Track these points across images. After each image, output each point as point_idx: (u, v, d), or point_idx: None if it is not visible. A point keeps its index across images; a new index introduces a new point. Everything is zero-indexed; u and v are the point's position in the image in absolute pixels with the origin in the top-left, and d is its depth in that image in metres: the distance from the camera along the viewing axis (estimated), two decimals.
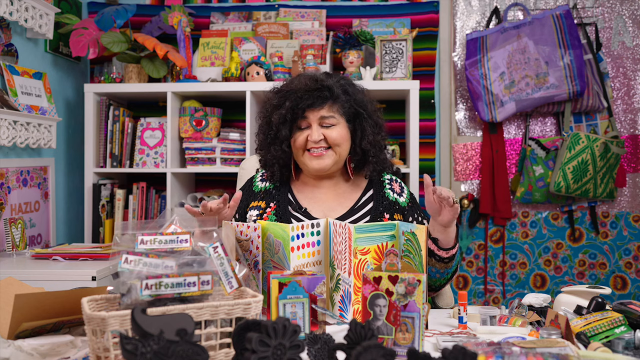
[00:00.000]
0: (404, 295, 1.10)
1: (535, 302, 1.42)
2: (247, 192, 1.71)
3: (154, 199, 2.87)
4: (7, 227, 2.26)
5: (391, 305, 1.10)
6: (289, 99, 1.59)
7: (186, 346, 0.81)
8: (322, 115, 1.58)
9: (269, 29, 2.94)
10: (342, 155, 1.62)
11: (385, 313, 1.11)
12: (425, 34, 2.99)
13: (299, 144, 1.60)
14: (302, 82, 1.62)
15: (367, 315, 1.12)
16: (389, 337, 1.10)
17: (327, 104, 1.59)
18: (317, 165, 1.59)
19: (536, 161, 2.94)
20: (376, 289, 1.11)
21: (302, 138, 1.59)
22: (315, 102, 1.58)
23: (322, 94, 1.58)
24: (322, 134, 1.58)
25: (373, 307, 1.12)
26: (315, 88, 1.59)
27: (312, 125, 1.59)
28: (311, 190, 1.68)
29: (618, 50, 2.99)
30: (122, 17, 2.69)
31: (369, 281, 1.12)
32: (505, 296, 3.06)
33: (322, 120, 1.59)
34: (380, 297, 1.11)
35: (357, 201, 1.64)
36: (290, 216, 1.61)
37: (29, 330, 1.17)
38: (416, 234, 1.29)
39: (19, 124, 2.32)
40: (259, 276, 1.40)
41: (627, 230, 3.01)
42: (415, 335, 1.09)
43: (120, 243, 1.10)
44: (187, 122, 2.76)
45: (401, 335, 1.10)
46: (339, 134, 1.59)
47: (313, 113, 1.58)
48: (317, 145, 1.58)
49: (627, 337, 1.17)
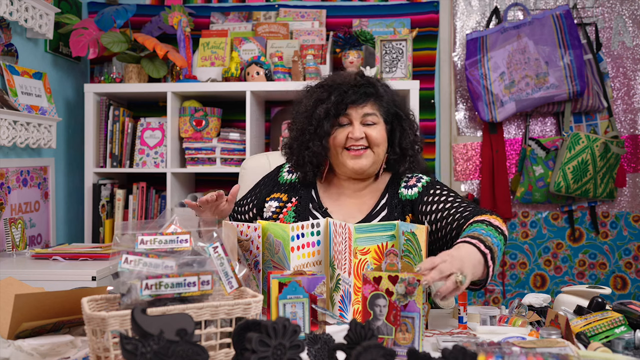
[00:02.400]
0: (404, 295, 1.09)
1: (535, 302, 1.42)
2: (271, 182, 1.68)
3: (154, 199, 2.87)
4: (7, 227, 2.26)
5: (391, 305, 1.10)
6: (334, 93, 1.54)
7: (186, 346, 0.81)
8: (366, 112, 1.54)
9: (269, 29, 2.94)
10: (380, 157, 1.57)
11: (385, 313, 1.11)
12: (425, 34, 2.99)
13: (339, 141, 1.54)
14: (346, 77, 1.59)
15: (367, 315, 1.12)
16: (389, 337, 1.10)
17: (370, 102, 1.55)
18: (356, 165, 1.54)
19: (536, 161, 2.94)
20: (376, 289, 1.11)
21: (343, 135, 1.54)
22: (359, 99, 1.53)
23: (367, 90, 1.55)
24: (363, 132, 1.53)
25: (373, 307, 1.12)
26: (361, 84, 1.55)
27: (354, 122, 1.54)
28: (335, 192, 1.63)
29: (618, 50, 2.99)
30: (122, 17, 2.69)
31: (369, 281, 1.12)
32: (505, 296, 3.06)
33: (364, 118, 1.54)
34: (380, 297, 1.11)
35: (374, 207, 1.59)
36: (310, 214, 1.57)
37: (29, 330, 1.17)
38: (416, 234, 1.29)
39: (19, 124, 2.32)
40: (259, 276, 1.40)
41: (627, 230, 3.01)
42: (415, 335, 1.09)
43: (120, 243, 1.10)
44: (187, 122, 2.76)
45: (401, 335, 1.10)
46: (379, 134, 1.55)
47: (356, 110, 1.54)
48: (357, 143, 1.53)
49: (627, 337, 1.17)
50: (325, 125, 1.54)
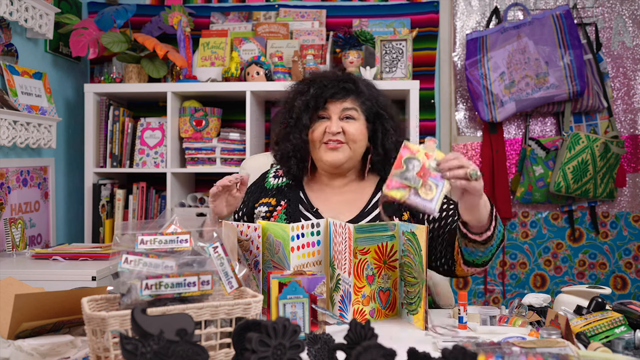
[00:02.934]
0: (434, 168, 1.21)
1: (535, 302, 1.42)
2: (258, 188, 1.70)
3: (154, 199, 2.87)
4: (7, 227, 2.26)
5: (423, 167, 1.21)
6: (313, 86, 1.58)
7: (186, 346, 0.81)
8: (344, 107, 1.56)
9: (269, 29, 2.94)
10: (356, 152, 1.59)
11: (417, 170, 1.21)
12: (425, 34, 2.99)
13: (317, 134, 1.57)
14: (328, 72, 1.64)
15: (399, 167, 1.21)
16: (414, 186, 1.20)
17: (350, 97, 1.58)
18: (330, 158, 1.56)
19: (536, 161, 2.94)
20: (413, 153, 1.22)
21: (321, 129, 1.57)
22: (338, 93, 1.56)
23: (346, 86, 1.57)
24: (340, 127, 1.56)
25: (407, 163, 1.21)
26: (341, 79, 1.58)
27: (332, 116, 1.56)
28: (323, 191, 1.65)
29: (618, 50, 2.99)
30: (122, 17, 2.69)
31: (408, 147, 1.23)
32: (505, 296, 3.06)
33: (343, 113, 1.56)
34: (415, 160, 1.21)
35: (365, 205, 1.61)
36: (301, 215, 1.59)
37: (29, 330, 1.17)
38: (416, 234, 1.29)
39: (19, 124, 2.32)
40: (259, 276, 1.40)
41: (627, 230, 3.01)
42: (435, 196, 1.19)
43: (120, 243, 1.10)
44: (187, 122, 2.76)
45: (425, 190, 1.20)
46: (357, 130, 1.57)
47: (335, 104, 1.57)
48: (334, 137, 1.55)
49: (627, 337, 1.17)
50: (304, 118, 1.57)
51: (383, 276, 1.36)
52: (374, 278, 1.34)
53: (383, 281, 1.36)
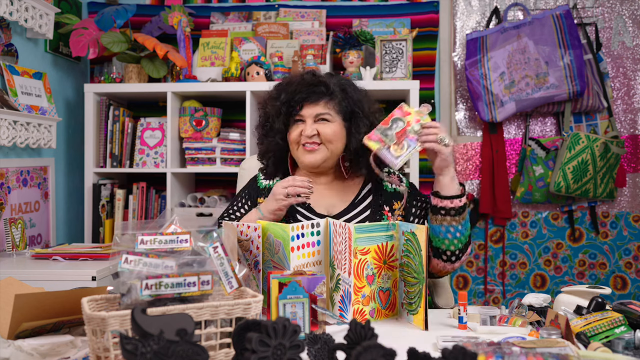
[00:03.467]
0: (416, 131, 1.45)
1: (535, 302, 1.42)
2: (253, 189, 1.73)
3: (154, 199, 2.87)
4: (7, 227, 2.26)
5: (405, 129, 1.46)
6: (285, 91, 1.62)
7: (186, 346, 0.81)
8: (318, 112, 1.60)
9: (269, 29, 2.94)
10: (334, 153, 1.62)
11: (398, 129, 1.46)
12: (425, 34, 2.99)
13: (293, 138, 1.62)
14: (300, 76, 1.66)
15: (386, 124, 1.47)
16: (388, 142, 1.46)
17: (323, 101, 1.61)
18: (307, 159, 1.61)
19: (536, 161, 2.94)
20: (403, 115, 1.47)
21: (296, 132, 1.61)
22: (310, 97, 1.60)
23: (318, 89, 1.60)
24: (315, 129, 1.59)
25: (393, 122, 1.47)
26: (312, 83, 1.61)
27: (307, 120, 1.60)
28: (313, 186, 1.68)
29: (618, 50, 2.99)
30: (122, 17, 2.69)
31: (402, 109, 1.48)
32: (505, 296, 3.06)
33: (317, 117, 1.60)
34: (401, 121, 1.47)
35: (357, 195, 1.66)
36: (296, 211, 1.62)
37: (29, 330, 1.17)
38: (416, 234, 1.29)
39: (19, 124, 2.32)
40: (259, 276, 1.40)
41: (627, 230, 3.01)
42: (403, 154, 1.44)
43: (120, 243, 1.10)
44: (187, 122, 2.76)
45: (396, 148, 1.45)
46: (332, 131, 1.60)
47: (309, 108, 1.60)
48: (310, 140, 1.59)
49: (627, 337, 1.17)
50: (277, 123, 1.62)
51: (383, 276, 1.36)
52: (374, 278, 1.34)
53: (383, 281, 1.36)
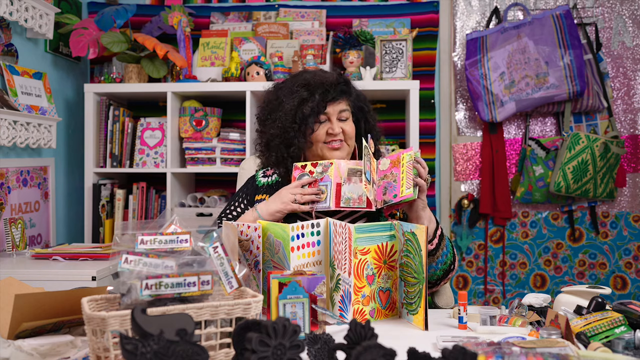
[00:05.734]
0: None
1: (535, 302, 1.42)
2: (250, 188, 1.74)
3: (154, 199, 2.87)
4: (7, 227, 2.26)
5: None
6: (317, 92, 1.63)
7: (186, 346, 0.81)
8: (341, 109, 1.65)
9: (269, 29, 2.94)
10: (352, 148, 1.69)
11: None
12: (425, 34, 2.99)
13: (320, 136, 1.64)
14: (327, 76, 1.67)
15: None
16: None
17: (344, 98, 1.66)
18: (334, 156, 1.64)
19: (536, 161, 2.94)
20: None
21: (323, 131, 1.64)
22: (337, 96, 1.65)
23: (343, 88, 1.66)
24: (340, 128, 1.65)
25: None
26: (339, 82, 1.66)
27: (332, 118, 1.64)
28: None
29: (618, 50, 2.99)
30: (122, 17, 2.69)
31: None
32: (505, 296, 3.06)
33: (340, 114, 1.65)
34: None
35: None
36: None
37: (29, 330, 1.17)
38: (416, 234, 1.29)
39: (19, 124, 2.32)
40: (259, 276, 1.40)
41: (627, 230, 3.01)
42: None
43: (120, 243, 1.10)
44: (187, 122, 2.76)
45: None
46: (352, 128, 1.67)
47: (333, 107, 1.64)
48: (335, 138, 1.64)
49: (627, 337, 1.17)
50: (310, 123, 1.64)
51: (383, 276, 1.36)
52: (374, 278, 1.34)
53: (383, 281, 1.36)
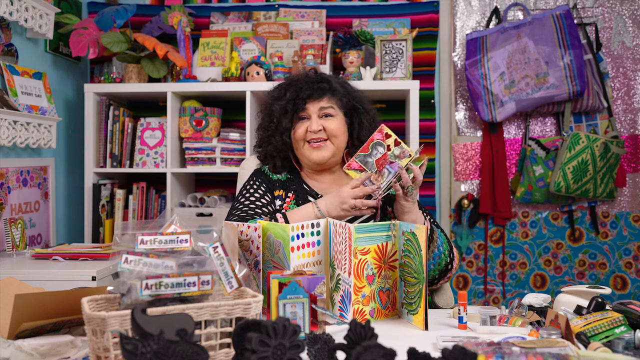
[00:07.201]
0: (396, 155, 1.45)
1: (535, 302, 1.42)
2: (266, 179, 1.72)
3: (154, 199, 2.87)
4: (7, 227, 2.26)
5: (385, 155, 1.47)
6: (289, 90, 1.65)
7: (186, 346, 0.81)
8: (322, 106, 1.64)
9: (269, 29, 2.94)
10: (339, 147, 1.67)
11: (378, 156, 1.48)
12: (425, 34, 2.99)
13: (299, 135, 1.64)
14: (302, 74, 1.70)
15: (366, 150, 1.49)
16: (370, 172, 1.47)
17: (326, 96, 1.66)
18: (316, 156, 1.64)
19: (536, 161, 2.94)
20: (382, 139, 1.48)
21: (302, 129, 1.64)
22: (314, 93, 1.64)
23: (321, 86, 1.65)
24: (321, 125, 1.63)
25: (373, 148, 1.48)
26: (314, 80, 1.66)
27: (312, 116, 1.64)
28: (321, 181, 1.72)
29: (618, 50, 2.99)
30: (122, 17, 2.69)
31: (383, 131, 1.48)
32: (505, 296, 3.06)
33: (321, 111, 1.64)
34: (381, 147, 1.48)
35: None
36: None
37: (29, 330, 1.17)
38: (416, 234, 1.29)
39: (19, 124, 2.32)
40: (259, 276, 1.40)
41: (627, 230, 3.01)
42: (384, 183, 1.45)
43: (120, 243, 1.10)
44: (187, 122, 2.76)
45: (376, 176, 1.47)
46: (336, 126, 1.65)
47: (313, 104, 1.64)
48: (316, 136, 1.63)
49: (627, 337, 1.17)
50: (284, 122, 1.65)
51: (383, 276, 1.36)
52: (374, 278, 1.34)
53: (383, 281, 1.36)
